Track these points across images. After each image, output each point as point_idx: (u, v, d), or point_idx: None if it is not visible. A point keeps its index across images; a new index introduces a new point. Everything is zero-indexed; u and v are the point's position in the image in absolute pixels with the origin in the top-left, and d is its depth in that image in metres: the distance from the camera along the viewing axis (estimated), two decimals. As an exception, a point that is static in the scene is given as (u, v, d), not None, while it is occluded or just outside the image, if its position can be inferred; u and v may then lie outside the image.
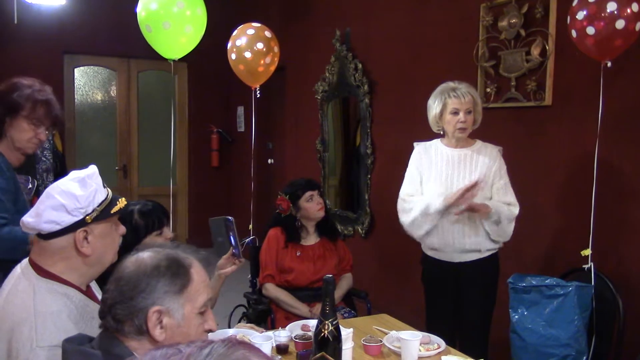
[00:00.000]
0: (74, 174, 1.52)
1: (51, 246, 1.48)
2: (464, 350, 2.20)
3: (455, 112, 2.73)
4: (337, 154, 5.21)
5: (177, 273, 1.24)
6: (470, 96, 2.74)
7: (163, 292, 1.22)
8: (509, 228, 2.73)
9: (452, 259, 2.79)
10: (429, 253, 2.87)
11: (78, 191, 1.48)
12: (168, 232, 2.34)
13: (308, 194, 3.02)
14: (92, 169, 1.54)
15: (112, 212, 1.53)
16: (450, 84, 2.77)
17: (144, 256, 1.26)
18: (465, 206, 2.63)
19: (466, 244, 2.73)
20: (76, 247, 1.48)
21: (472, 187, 2.62)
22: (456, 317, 2.86)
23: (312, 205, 3.02)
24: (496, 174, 2.75)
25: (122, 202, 1.57)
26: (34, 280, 1.48)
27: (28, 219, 1.47)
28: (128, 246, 1.70)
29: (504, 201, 2.73)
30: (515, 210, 2.72)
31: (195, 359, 0.56)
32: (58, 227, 1.46)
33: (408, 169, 2.92)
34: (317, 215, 3.04)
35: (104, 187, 1.55)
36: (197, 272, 1.28)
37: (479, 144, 2.83)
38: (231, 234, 2.24)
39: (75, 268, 1.51)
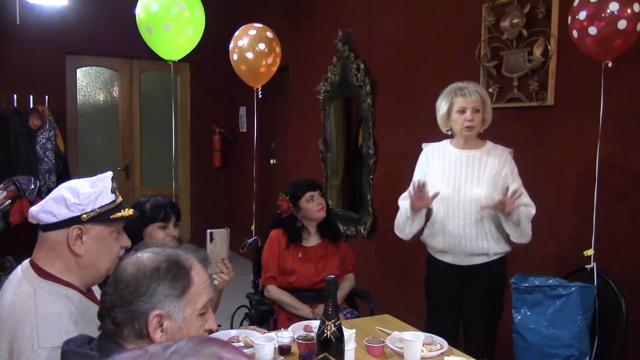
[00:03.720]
0: (92, 177, 1.55)
1: (48, 238, 1.50)
2: (469, 353, 2.19)
3: (462, 111, 2.70)
4: (340, 154, 5.21)
5: (177, 276, 1.22)
6: (477, 95, 2.70)
7: (164, 296, 1.19)
8: (528, 228, 2.68)
9: (460, 262, 2.75)
10: (436, 255, 2.84)
11: (83, 189, 1.50)
12: (173, 230, 2.38)
13: (308, 194, 3.02)
14: (108, 174, 1.57)
15: (111, 217, 1.52)
16: (459, 84, 2.75)
17: (144, 257, 1.23)
18: (498, 203, 2.59)
19: (474, 247, 2.70)
20: (68, 244, 1.48)
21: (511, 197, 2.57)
22: (458, 320, 2.84)
23: (313, 206, 3.02)
24: (508, 177, 2.70)
25: (126, 212, 1.56)
26: (35, 281, 1.48)
27: (34, 208, 1.50)
28: (131, 233, 1.72)
29: (521, 203, 2.68)
30: (533, 210, 2.68)
31: (158, 358, 0.55)
32: (54, 220, 1.47)
33: (414, 171, 2.91)
34: (317, 215, 3.03)
35: (113, 192, 1.54)
36: (198, 273, 1.26)
37: (489, 145, 2.78)
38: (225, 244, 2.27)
39: (71, 268, 1.51)
